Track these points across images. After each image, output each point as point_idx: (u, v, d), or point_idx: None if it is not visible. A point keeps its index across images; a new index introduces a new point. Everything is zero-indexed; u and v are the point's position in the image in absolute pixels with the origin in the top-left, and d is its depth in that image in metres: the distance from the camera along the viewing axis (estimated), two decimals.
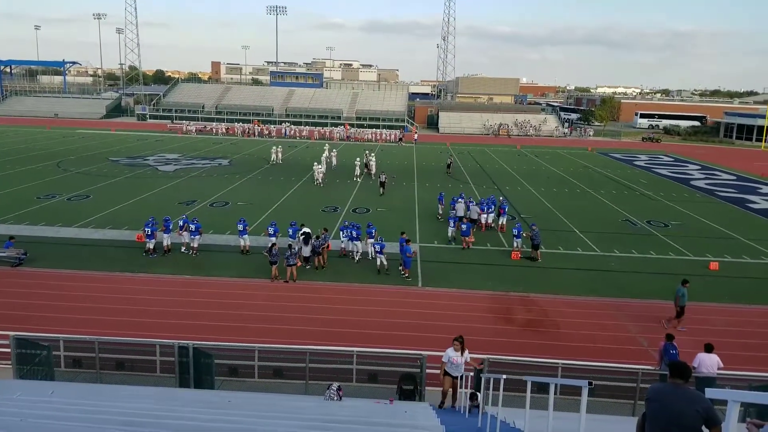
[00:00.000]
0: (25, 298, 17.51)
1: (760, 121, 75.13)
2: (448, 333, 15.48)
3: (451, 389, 10.80)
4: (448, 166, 44.53)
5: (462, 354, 10.56)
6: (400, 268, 20.11)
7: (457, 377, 10.69)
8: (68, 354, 12.69)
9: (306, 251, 20.58)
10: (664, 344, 11.84)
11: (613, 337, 15.85)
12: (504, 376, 7.92)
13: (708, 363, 10.96)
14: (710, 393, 4.91)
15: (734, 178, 45.89)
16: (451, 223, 24.63)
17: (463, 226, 23.61)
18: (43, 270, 19.79)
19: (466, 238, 23.48)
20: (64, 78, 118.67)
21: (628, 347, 15.13)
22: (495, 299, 18.32)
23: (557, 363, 11.02)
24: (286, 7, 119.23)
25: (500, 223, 26.97)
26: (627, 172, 46.89)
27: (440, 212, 28.67)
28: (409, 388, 10.90)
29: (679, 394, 4.89)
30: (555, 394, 8.84)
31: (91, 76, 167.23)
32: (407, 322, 16.35)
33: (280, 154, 46.65)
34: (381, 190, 34.07)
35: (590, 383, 5.40)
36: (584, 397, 5.34)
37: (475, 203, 27.65)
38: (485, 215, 26.45)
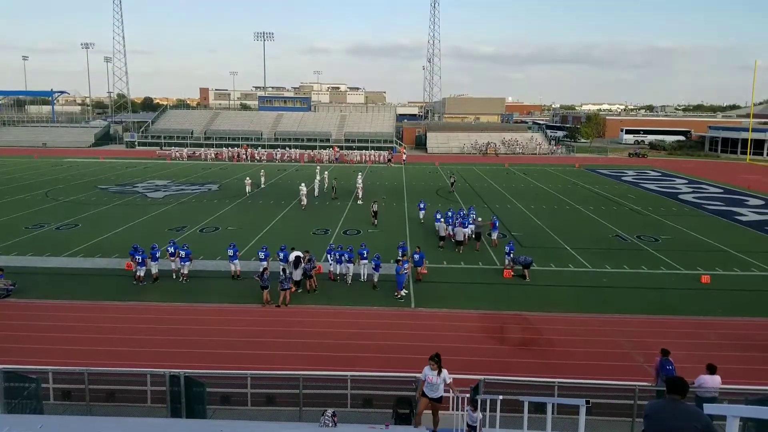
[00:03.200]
0: (14, 330, 17.21)
1: (743, 134, 76.30)
2: (442, 355, 15.29)
3: (431, 412, 10.44)
4: (451, 184, 45.32)
5: (439, 374, 10.27)
6: (399, 291, 20.04)
7: (434, 399, 10.38)
8: (57, 386, 12.44)
9: (297, 275, 20.47)
10: (660, 360, 11.78)
11: (608, 353, 15.79)
12: (500, 397, 7.84)
13: (711, 386, 10.80)
14: (709, 409, 4.89)
15: (721, 191, 46.39)
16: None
17: (416, 256, 21.87)
18: (32, 301, 19.50)
19: (419, 269, 21.73)
20: (53, 107, 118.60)
21: (624, 363, 15.07)
22: (488, 318, 18.25)
23: (553, 382, 10.94)
24: (273, 33, 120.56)
25: (492, 238, 27.14)
26: (615, 188, 47.29)
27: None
28: (405, 411, 10.75)
29: (678, 411, 4.85)
30: (552, 413, 8.77)
31: (80, 104, 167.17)
32: (401, 344, 16.22)
33: (257, 181, 46.15)
34: (374, 220, 31.57)
35: (587, 402, 5.37)
36: (582, 416, 5.29)
37: (445, 217, 28.52)
38: (459, 228, 26.04)
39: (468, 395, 10.73)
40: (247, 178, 43.40)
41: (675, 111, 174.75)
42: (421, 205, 33.63)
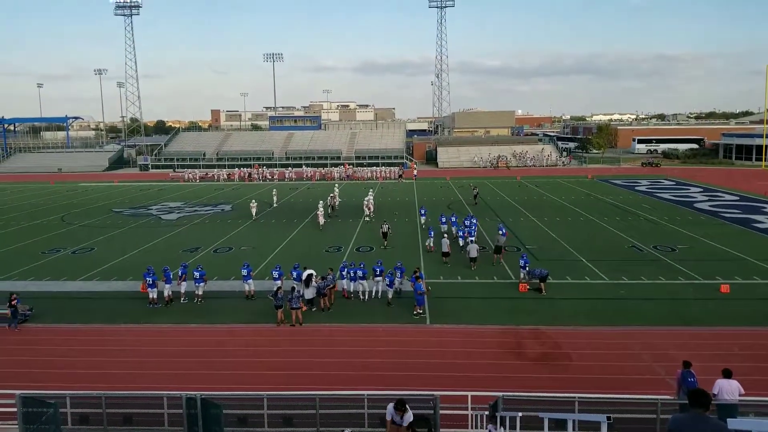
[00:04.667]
0: (31, 355, 17.35)
1: (758, 141, 75.56)
2: (460, 371, 15.28)
3: None
4: (475, 196, 45.68)
5: (403, 417, 10.17)
6: (417, 308, 19.82)
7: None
8: (75, 411, 12.45)
9: (308, 293, 20.39)
10: (682, 372, 11.55)
11: (628, 367, 15.53)
12: (520, 414, 7.71)
13: (728, 389, 10.65)
14: (734, 423, 4.77)
15: (737, 198, 45.83)
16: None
17: (419, 290, 19.96)
18: (49, 325, 19.63)
19: (417, 308, 19.89)
20: (67, 133, 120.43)
21: (645, 377, 14.81)
22: (505, 334, 18.05)
23: (573, 397, 10.73)
24: (282, 54, 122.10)
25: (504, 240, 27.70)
26: (629, 198, 46.91)
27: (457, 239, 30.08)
28: (423, 431, 10.60)
29: (702, 425, 4.74)
30: (573, 430, 8.61)
31: (93, 129, 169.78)
32: (418, 362, 16.08)
33: (269, 201, 46.56)
34: (384, 242, 30.34)
35: (609, 418, 5.25)
36: None
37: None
38: (474, 245, 25.90)
39: (487, 413, 10.57)
40: (253, 201, 41.68)
41: (687, 119, 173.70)
42: (422, 211, 36.82)
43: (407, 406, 10.14)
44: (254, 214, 39.89)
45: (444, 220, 32.72)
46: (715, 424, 4.77)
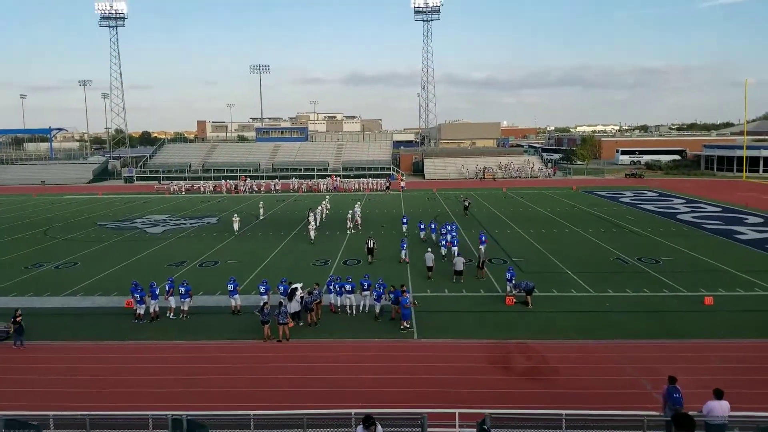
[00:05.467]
0: (13, 374, 17.03)
1: (738, 152, 76.91)
2: (448, 387, 15.26)
3: None
4: (466, 208, 46.16)
5: None
6: (403, 323, 19.76)
7: None
8: (59, 431, 12.26)
9: (291, 307, 20.23)
10: (667, 388, 11.62)
11: (614, 381, 15.62)
12: None
13: (719, 411, 10.59)
14: None
15: (719, 209, 46.50)
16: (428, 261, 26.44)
17: (392, 296, 20.69)
18: (31, 343, 19.29)
19: (404, 322, 19.78)
20: (51, 145, 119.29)
21: (631, 391, 14.90)
22: (492, 348, 18.08)
23: (561, 414, 10.78)
24: (269, 65, 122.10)
25: (480, 249, 28.02)
26: (613, 209, 47.39)
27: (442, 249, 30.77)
28: None
29: None
30: None
31: (78, 141, 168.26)
32: (406, 378, 16.05)
33: (256, 213, 46.62)
34: (369, 257, 29.77)
35: None
36: None
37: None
38: (459, 258, 26.14)
39: (474, 430, 10.58)
40: (235, 215, 41.32)
41: (669, 130, 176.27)
42: (404, 220, 38.41)
43: (376, 422, 10.10)
44: (237, 229, 39.22)
45: (423, 226, 35.18)
46: None
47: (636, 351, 17.51)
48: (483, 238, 29.47)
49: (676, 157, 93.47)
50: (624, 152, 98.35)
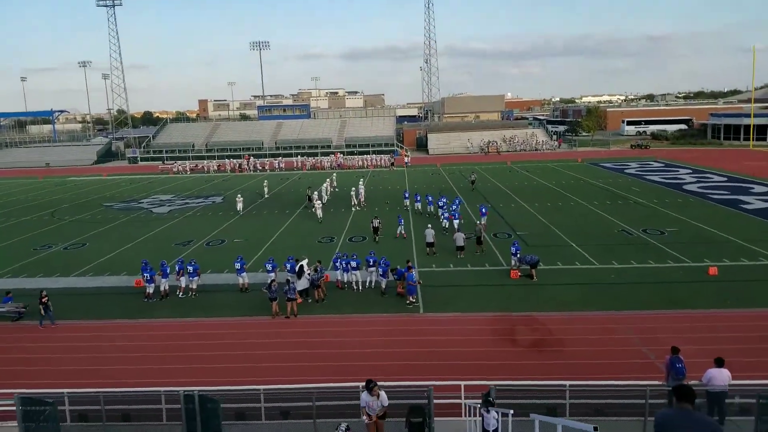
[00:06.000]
0: (27, 353, 17.40)
1: (746, 120, 76.05)
2: (453, 359, 15.49)
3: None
4: (472, 182, 46.62)
5: (378, 398, 10.52)
6: (409, 297, 19.98)
7: (379, 417, 10.69)
8: (73, 408, 12.58)
9: (300, 284, 20.46)
10: (670, 358, 11.76)
11: (618, 351, 15.81)
12: (511, 412, 7.92)
13: (719, 379, 10.73)
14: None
15: (725, 179, 46.26)
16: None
17: (400, 271, 20.73)
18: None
19: (410, 297, 19.97)
20: (53, 127, 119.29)
21: (635, 361, 15.08)
22: (498, 320, 18.28)
23: (564, 385, 10.97)
24: (269, 42, 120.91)
25: (482, 222, 29.66)
26: (619, 181, 47.23)
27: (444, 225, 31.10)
28: (417, 420, 10.80)
29: (688, 420, 4.89)
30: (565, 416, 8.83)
31: (80, 122, 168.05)
32: (412, 351, 16.29)
33: (261, 192, 46.77)
34: (375, 237, 29.31)
35: (595, 428, 5.43)
36: None
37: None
38: (459, 234, 25.95)
39: (480, 401, 10.76)
40: (239, 195, 40.94)
41: (676, 99, 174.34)
42: (406, 194, 39.15)
43: (377, 384, 10.40)
44: (240, 209, 39.00)
45: (418, 198, 36.93)
46: (701, 419, 4.93)
47: (641, 322, 17.67)
48: (483, 210, 30.89)
49: (683, 126, 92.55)
50: (630, 123, 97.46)
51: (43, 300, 19.24)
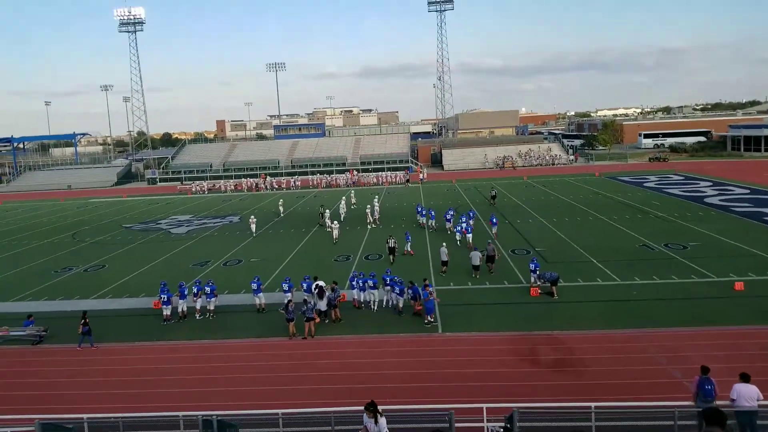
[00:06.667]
0: (47, 377, 17.46)
1: (766, 131, 74.97)
2: (474, 381, 15.22)
3: None
4: (493, 197, 46.59)
5: (376, 422, 10.06)
6: (427, 317, 19.74)
7: None
8: None
9: (322, 305, 20.40)
10: (699, 379, 11.39)
11: (643, 370, 15.41)
12: None
13: (746, 394, 10.49)
14: None
15: (747, 191, 45.46)
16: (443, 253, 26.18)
17: (410, 291, 20.73)
18: (64, 346, 19.74)
19: (428, 316, 19.74)
20: (75, 149, 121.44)
21: (661, 380, 14.68)
22: (518, 340, 17.97)
23: (590, 407, 10.67)
24: (284, 63, 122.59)
25: (493, 231, 32.28)
26: (638, 195, 46.63)
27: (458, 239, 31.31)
28: None
29: None
30: None
31: (101, 144, 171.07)
32: (431, 372, 16.04)
33: (276, 211, 46.94)
34: (391, 257, 28.44)
35: None
36: None
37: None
38: (475, 252, 25.20)
39: (502, 425, 10.53)
40: (252, 217, 39.98)
41: (693, 111, 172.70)
42: (419, 208, 39.67)
43: (377, 408, 10.08)
44: (254, 231, 38.16)
45: (433, 214, 37.30)
46: None
47: (665, 340, 17.24)
48: (494, 220, 32.67)
49: (701, 138, 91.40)
50: (647, 135, 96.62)
51: (86, 321, 19.43)
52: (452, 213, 35.46)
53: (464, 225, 31.41)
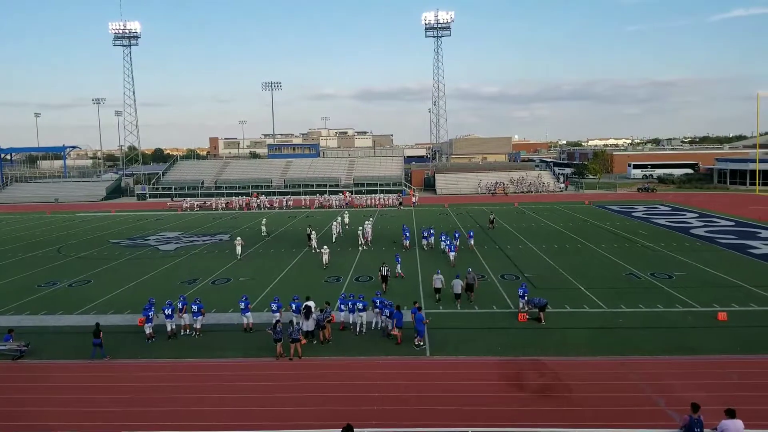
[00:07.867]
0: (27, 393, 17.16)
1: (751, 166, 76.27)
2: (461, 404, 15.18)
3: None
4: (491, 221, 47.33)
5: None
6: (416, 338, 19.72)
7: None
8: None
9: (307, 326, 20.29)
10: (689, 418, 11.24)
11: (628, 398, 15.45)
12: None
13: (735, 430, 10.49)
14: None
15: (733, 223, 46.06)
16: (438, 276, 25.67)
17: (397, 315, 20.28)
18: (45, 362, 19.46)
19: (418, 339, 19.76)
20: (64, 162, 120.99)
21: (645, 408, 14.72)
22: (506, 365, 17.97)
23: None
24: (280, 82, 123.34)
25: (470, 243, 35.36)
26: (626, 224, 47.09)
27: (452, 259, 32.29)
28: None
29: None
30: None
31: (91, 158, 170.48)
32: (419, 396, 15.97)
33: (266, 229, 46.90)
34: (384, 286, 26.92)
35: None
36: None
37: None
38: (457, 281, 24.71)
39: None
40: (238, 238, 38.49)
41: (681, 144, 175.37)
42: (405, 230, 39.60)
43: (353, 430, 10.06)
44: (239, 253, 36.72)
45: (408, 234, 38.86)
46: None
47: (650, 368, 17.32)
48: (471, 233, 37.26)
49: (689, 170, 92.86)
50: (636, 166, 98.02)
51: (100, 335, 19.43)
52: (445, 236, 36.10)
53: (449, 243, 33.58)
